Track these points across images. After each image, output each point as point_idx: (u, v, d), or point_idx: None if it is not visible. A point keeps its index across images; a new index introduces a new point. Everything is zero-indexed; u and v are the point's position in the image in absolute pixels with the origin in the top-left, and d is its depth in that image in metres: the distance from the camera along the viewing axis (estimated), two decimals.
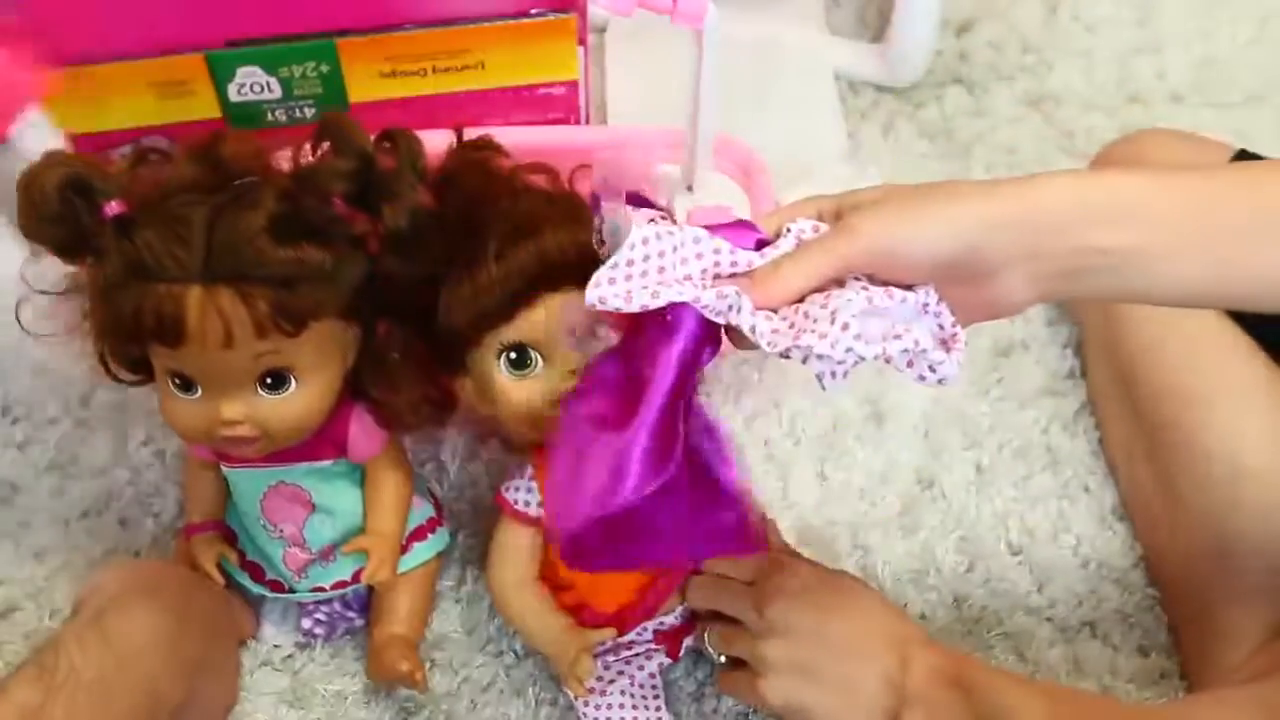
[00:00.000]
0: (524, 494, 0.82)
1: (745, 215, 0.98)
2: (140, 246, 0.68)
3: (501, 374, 0.77)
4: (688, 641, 0.86)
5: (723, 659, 0.81)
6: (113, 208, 0.69)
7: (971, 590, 0.93)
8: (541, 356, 0.77)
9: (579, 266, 0.74)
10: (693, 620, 0.85)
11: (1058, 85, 1.27)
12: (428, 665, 0.88)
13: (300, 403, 0.76)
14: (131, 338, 0.72)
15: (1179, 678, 0.89)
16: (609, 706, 0.83)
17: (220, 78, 0.99)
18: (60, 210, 0.69)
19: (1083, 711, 0.72)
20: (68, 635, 0.74)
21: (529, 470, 0.83)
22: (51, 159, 0.70)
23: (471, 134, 0.84)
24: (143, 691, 0.74)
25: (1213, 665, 0.84)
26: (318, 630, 0.89)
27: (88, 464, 0.98)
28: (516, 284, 0.74)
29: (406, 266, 0.75)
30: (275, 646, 0.90)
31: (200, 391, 0.74)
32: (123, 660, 0.74)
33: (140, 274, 0.69)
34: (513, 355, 0.76)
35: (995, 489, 0.99)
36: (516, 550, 0.83)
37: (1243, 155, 0.93)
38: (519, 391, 0.77)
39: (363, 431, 0.82)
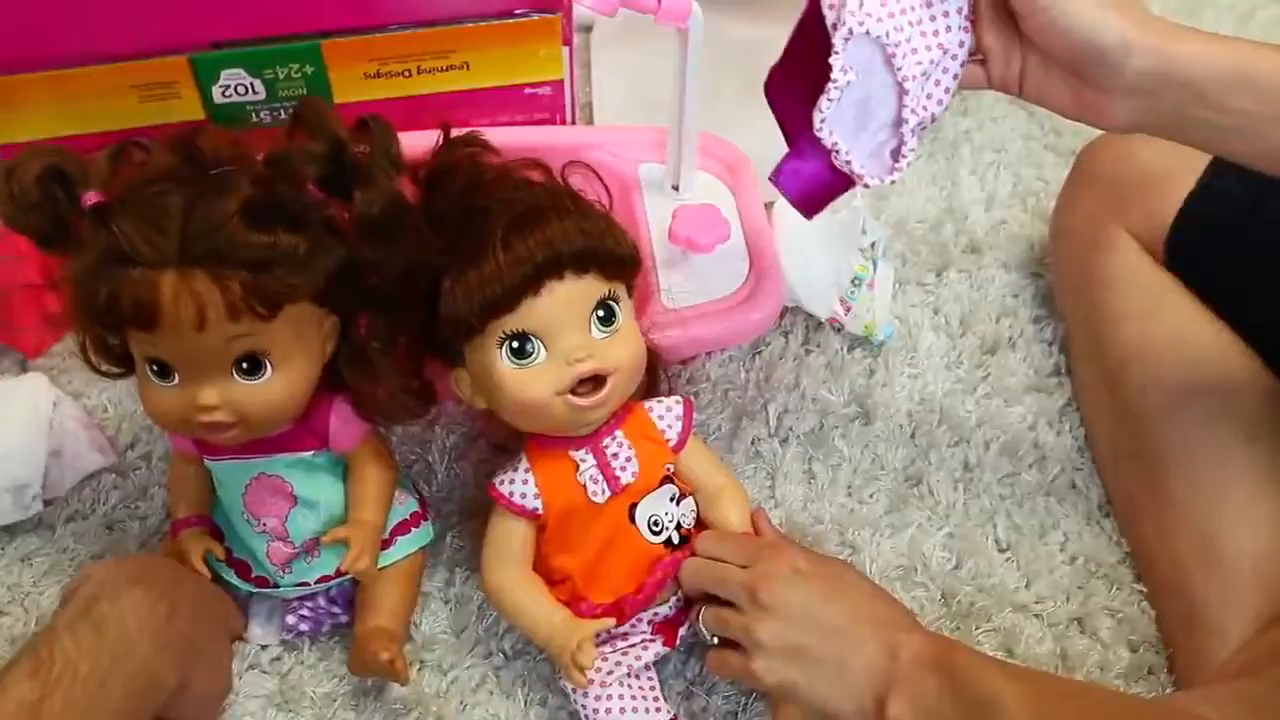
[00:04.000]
0: (518, 486, 0.82)
1: (732, 214, 1.00)
2: (117, 233, 0.69)
3: (502, 364, 0.77)
4: (683, 630, 0.86)
5: (715, 640, 0.82)
6: (91, 198, 0.71)
7: (960, 587, 0.94)
8: (543, 345, 0.77)
9: (582, 255, 0.75)
10: (688, 609, 0.86)
11: None
12: (416, 666, 0.88)
13: (276, 388, 0.76)
14: (108, 324, 0.73)
15: (1167, 673, 0.89)
16: (608, 698, 0.84)
17: (204, 79, 0.99)
18: (40, 200, 0.71)
19: (1065, 696, 0.73)
20: (60, 627, 0.74)
21: (522, 462, 0.83)
22: (33, 151, 0.71)
23: (457, 132, 0.84)
24: (137, 679, 0.74)
25: (1200, 661, 0.85)
26: (303, 627, 0.89)
27: None
28: (523, 272, 0.75)
29: (382, 254, 0.76)
30: (262, 648, 0.90)
31: (177, 378, 0.74)
32: (116, 649, 0.74)
33: (116, 260, 0.70)
34: (514, 344, 0.77)
35: (982, 486, 0.99)
36: (510, 543, 0.84)
37: None
38: (519, 381, 0.77)
39: (343, 422, 0.82)
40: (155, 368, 0.74)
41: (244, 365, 0.74)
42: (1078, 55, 0.68)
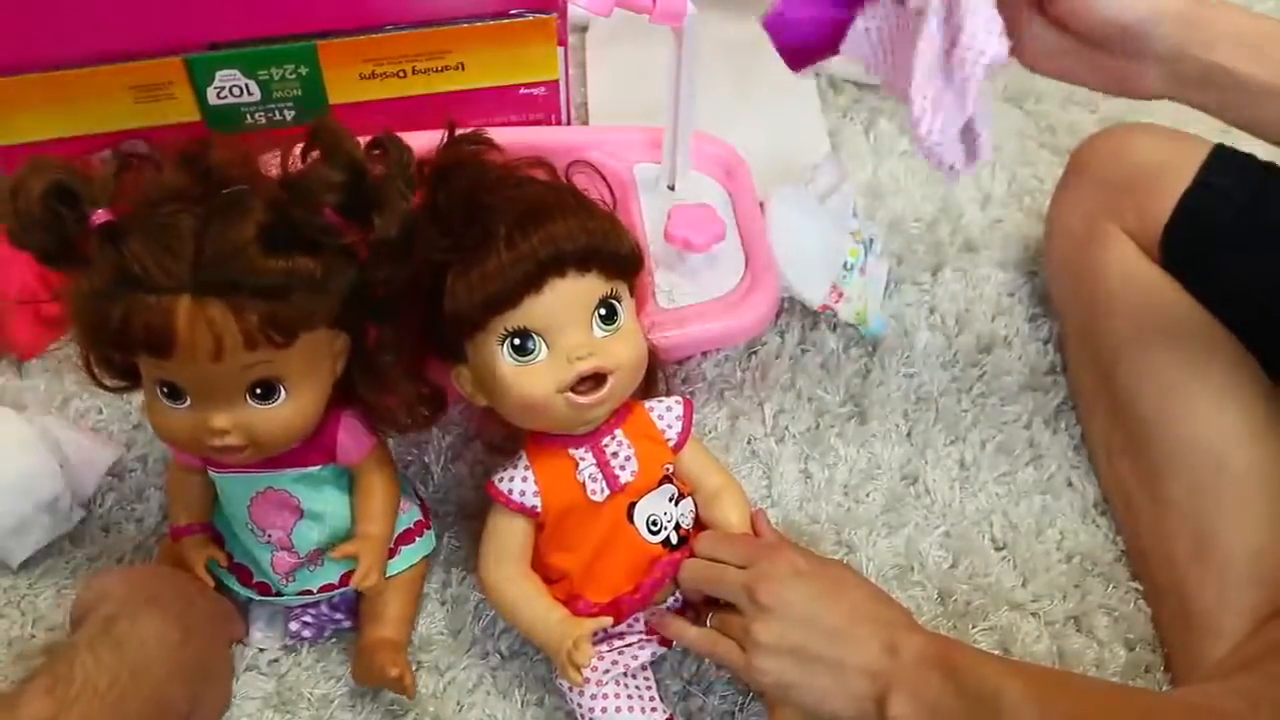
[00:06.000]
0: (517, 484, 0.82)
1: (727, 214, 1.00)
2: (128, 256, 0.67)
3: (503, 361, 0.77)
4: None
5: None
6: (99, 216, 0.69)
7: (956, 586, 0.94)
8: (545, 343, 0.77)
9: (585, 253, 0.76)
10: (684, 609, 0.86)
11: (1038, 80, 1.26)
12: (414, 667, 0.88)
13: (289, 412, 0.75)
14: (119, 347, 0.72)
15: (1163, 671, 0.89)
16: (604, 696, 0.84)
17: (199, 81, 0.99)
18: (45, 218, 0.69)
19: (1066, 690, 0.73)
20: (80, 646, 0.74)
21: (522, 460, 0.83)
22: (37, 165, 0.69)
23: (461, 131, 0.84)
24: (154, 701, 0.75)
25: (1196, 659, 0.85)
26: (305, 633, 0.89)
27: None
28: (526, 269, 0.75)
29: (396, 273, 0.75)
30: (260, 650, 0.89)
31: (189, 401, 0.73)
32: (135, 670, 0.74)
33: (129, 284, 0.68)
34: (516, 341, 0.77)
35: (979, 484, 0.99)
36: (509, 540, 0.83)
37: (1222, 150, 0.93)
38: (520, 378, 0.77)
39: (350, 436, 0.82)
40: (165, 389, 0.73)
41: (257, 390, 0.73)
42: (1109, 35, 0.71)
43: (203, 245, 0.68)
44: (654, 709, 0.85)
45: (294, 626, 0.89)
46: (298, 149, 0.73)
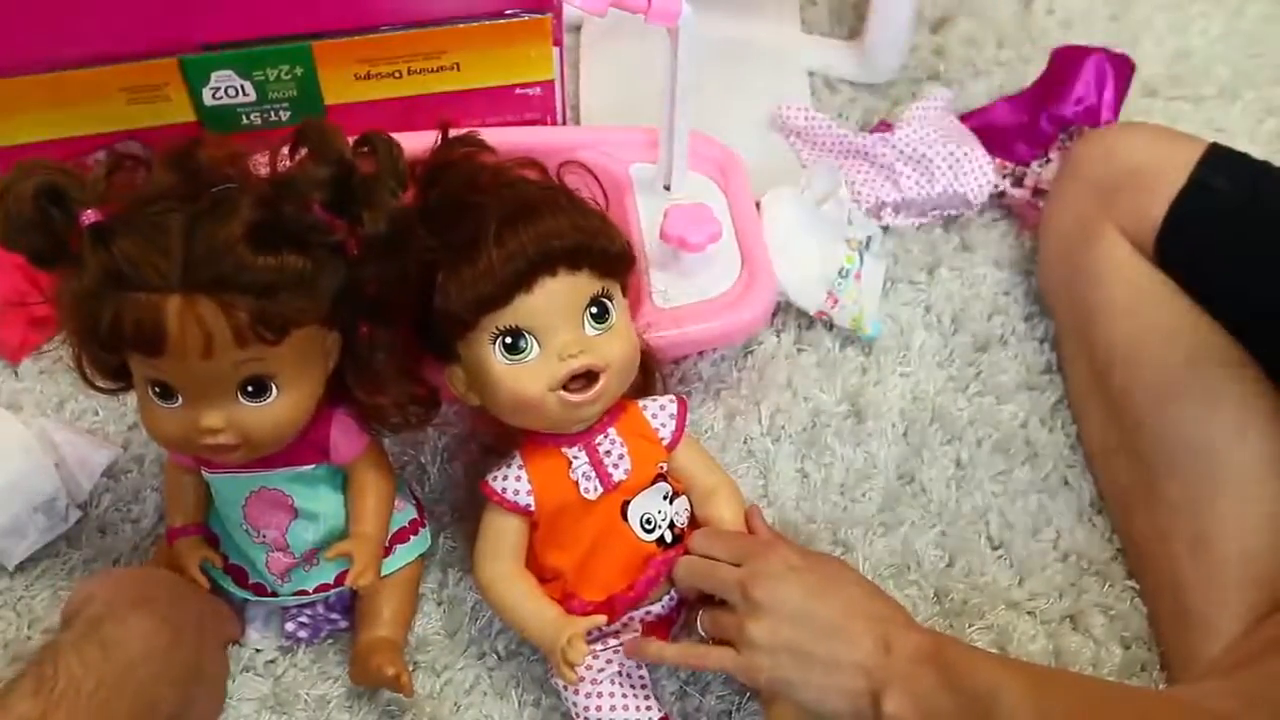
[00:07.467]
0: (511, 482, 0.82)
1: (723, 213, 1.00)
2: (118, 256, 0.68)
3: (495, 359, 0.78)
4: (675, 630, 0.86)
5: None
6: (89, 216, 0.69)
7: (952, 585, 0.94)
8: (536, 341, 0.77)
9: (575, 252, 0.76)
10: (680, 607, 0.86)
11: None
12: (410, 667, 0.88)
13: (281, 409, 0.75)
14: (110, 347, 0.72)
15: (1159, 670, 0.90)
16: (599, 695, 0.84)
17: (194, 81, 0.99)
18: (35, 219, 0.69)
19: (1063, 688, 0.73)
20: (65, 646, 0.74)
21: (516, 459, 0.83)
22: (27, 167, 0.69)
23: (455, 132, 0.85)
24: (141, 701, 0.74)
25: (1192, 658, 0.85)
26: (301, 633, 0.89)
27: None
28: (516, 268, 0.75)
29: (386, 270, 0.75)
30: (257, 651, 0.89)
31: (180, 400, 0.73)
32: (121, 671, 0.73)
33: (118, 283, 0.68)
34: (507, 340, 0.77)
35: (975, 483, 0.99)
36: (504, 540, 0.84)
37: (1216, 149, 0.93)
38: (513, 377, 0.78)
39: (344, 435, 0.82)
40: (157, 389, 0.73)
41: (249, 388, 0.73)
42: None
43: (192, 243, 0.68)
44: (649, 708, 0.85)
45: (290, 627, 0.89)
46: (286, 148, 0.73)
